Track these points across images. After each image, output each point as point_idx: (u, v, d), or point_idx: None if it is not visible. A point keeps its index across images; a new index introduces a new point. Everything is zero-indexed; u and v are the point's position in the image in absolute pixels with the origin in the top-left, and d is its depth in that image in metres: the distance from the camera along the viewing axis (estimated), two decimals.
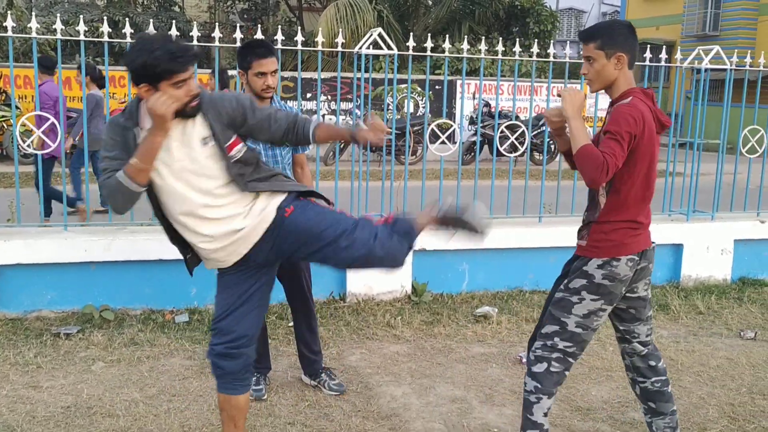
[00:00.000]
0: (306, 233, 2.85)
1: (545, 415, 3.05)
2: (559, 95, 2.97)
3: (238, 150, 2.79)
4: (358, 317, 5.13)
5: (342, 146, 13.36)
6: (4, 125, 12.43)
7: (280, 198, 2.87)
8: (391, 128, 5.95)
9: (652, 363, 3.20)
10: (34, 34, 4.78)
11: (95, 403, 3.74)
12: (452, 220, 3.03)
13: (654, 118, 2.90)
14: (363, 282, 5.44)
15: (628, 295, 3.09)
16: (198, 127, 2.71)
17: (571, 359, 3.04)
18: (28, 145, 5.38)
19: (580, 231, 3.10)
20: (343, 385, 4.01)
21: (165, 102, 2.54)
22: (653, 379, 3.20)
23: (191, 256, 2.98)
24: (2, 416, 3.57)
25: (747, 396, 4.05)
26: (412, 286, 5.55)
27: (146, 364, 4.25)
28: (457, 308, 5.41)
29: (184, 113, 2.65)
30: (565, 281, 3.05)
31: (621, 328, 3.21)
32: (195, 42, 5.02)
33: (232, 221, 2.79)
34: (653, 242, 3.10)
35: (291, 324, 4.44)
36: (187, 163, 2.70)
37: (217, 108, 2.74)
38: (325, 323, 4.99)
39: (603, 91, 3.01)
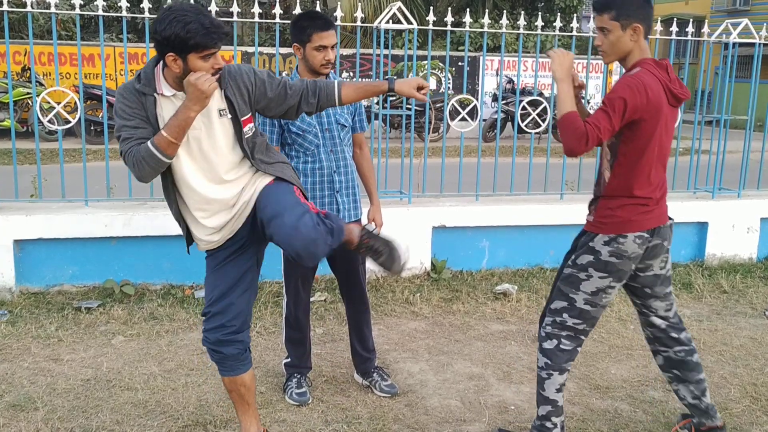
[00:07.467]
0: (265, 200, 2.77)
1: (558, 390, 3.02)
2: (547, 55, 2.87)
3: (250, 128, 2.79)
4: (377, 294, 5.11)
5: None
6: (29, 102, 12.52)
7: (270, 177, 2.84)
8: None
9: (674, 335, 3.13)
10: (53, 9, 4.79)
11: (114, 377, 3.78)
12: (373, 248, 2.88)
13: (666, 90, 2.78)
14: None
15: (640, 273, 3.01)
16: (217, 99, 2.70)
17: (582, 336, 3.00)
18: (50, 121, 5.40)
19: (589, 205, 3.03)
20: (396, 387, 3.71)
21: (209, 80, 2.53)
22: (676, 348, 3.13)
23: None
24: (23, 388, 3.62)
25: None
26: (432, 262, 5.52)
27: (165, 339, 4.28)
28: (477, 285, 5.37)
29: None
30: (573, 256, 3.00)
31: (637, 301, 3.16)
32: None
33: (234, 198, 2.78)
34: (671, 219, 3.00)
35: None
36: (203, 132, 2.69)
37: (237, 81, 2.73)
38: None
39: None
